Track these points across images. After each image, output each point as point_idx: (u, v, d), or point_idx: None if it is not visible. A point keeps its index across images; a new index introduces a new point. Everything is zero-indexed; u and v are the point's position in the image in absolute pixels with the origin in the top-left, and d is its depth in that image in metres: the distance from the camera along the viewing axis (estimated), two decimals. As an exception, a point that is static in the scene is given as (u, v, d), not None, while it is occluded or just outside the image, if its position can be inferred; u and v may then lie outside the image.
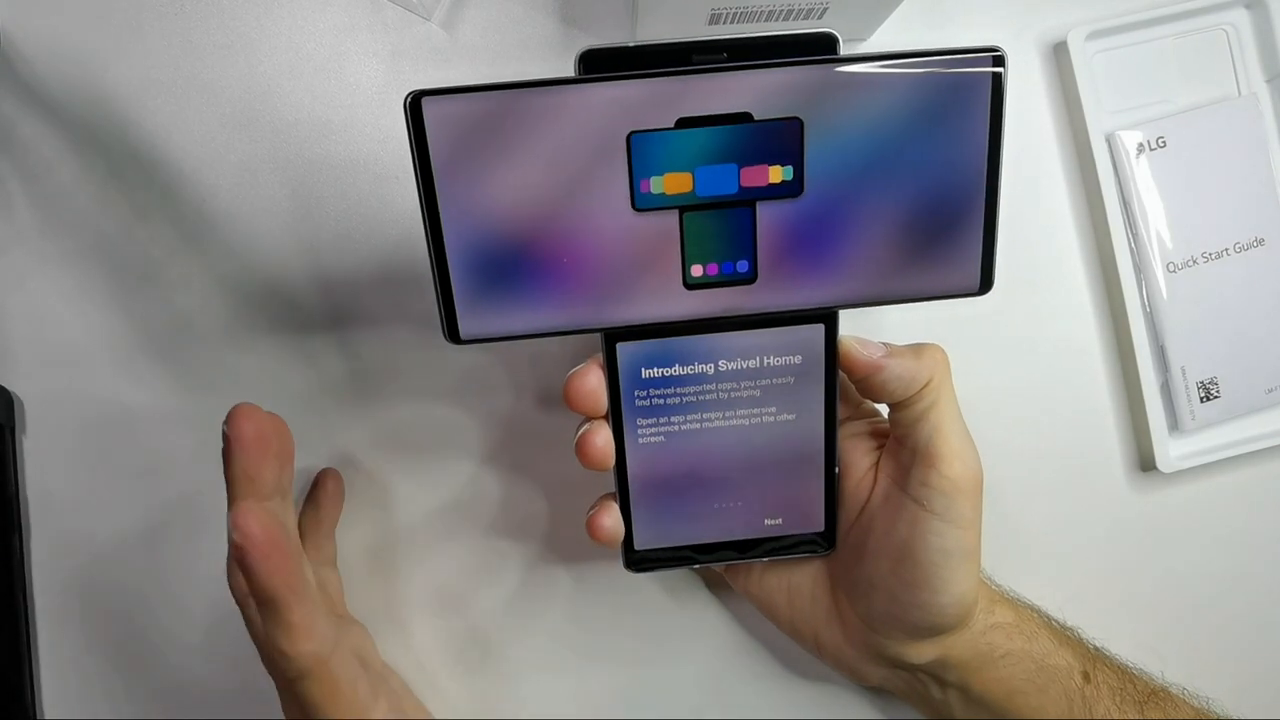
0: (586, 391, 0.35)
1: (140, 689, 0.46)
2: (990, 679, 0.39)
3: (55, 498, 0.45)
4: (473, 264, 0.32)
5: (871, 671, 0.41)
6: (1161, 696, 0.41)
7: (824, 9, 0.40)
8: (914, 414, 0.36)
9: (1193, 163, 0.45)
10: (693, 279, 0.33)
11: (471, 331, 0.33)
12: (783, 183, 0.32)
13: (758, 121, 0.31)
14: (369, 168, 0.45)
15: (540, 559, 0.46)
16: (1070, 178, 0.46)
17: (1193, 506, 0.47)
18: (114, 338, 0.45)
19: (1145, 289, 0.45)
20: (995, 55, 0.31)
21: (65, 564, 0.45)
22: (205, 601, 0.46)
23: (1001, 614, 0.40)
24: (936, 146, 0.32)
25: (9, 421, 0.44)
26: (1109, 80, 0.46)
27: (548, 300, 0.33)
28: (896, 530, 0.37)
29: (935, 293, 0.34)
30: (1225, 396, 0.46)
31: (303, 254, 0.45)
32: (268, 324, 0.45)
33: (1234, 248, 0.45)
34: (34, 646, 0.45)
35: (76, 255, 0.45)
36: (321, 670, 0.35)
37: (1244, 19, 0.46)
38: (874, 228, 0.33)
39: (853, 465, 0.39)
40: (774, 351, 0.35)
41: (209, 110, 0.45)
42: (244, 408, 0.35)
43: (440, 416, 0.45)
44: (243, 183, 0.45)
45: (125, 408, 0.45)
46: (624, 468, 0.37)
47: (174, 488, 0.45)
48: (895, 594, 0.37)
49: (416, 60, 0.45)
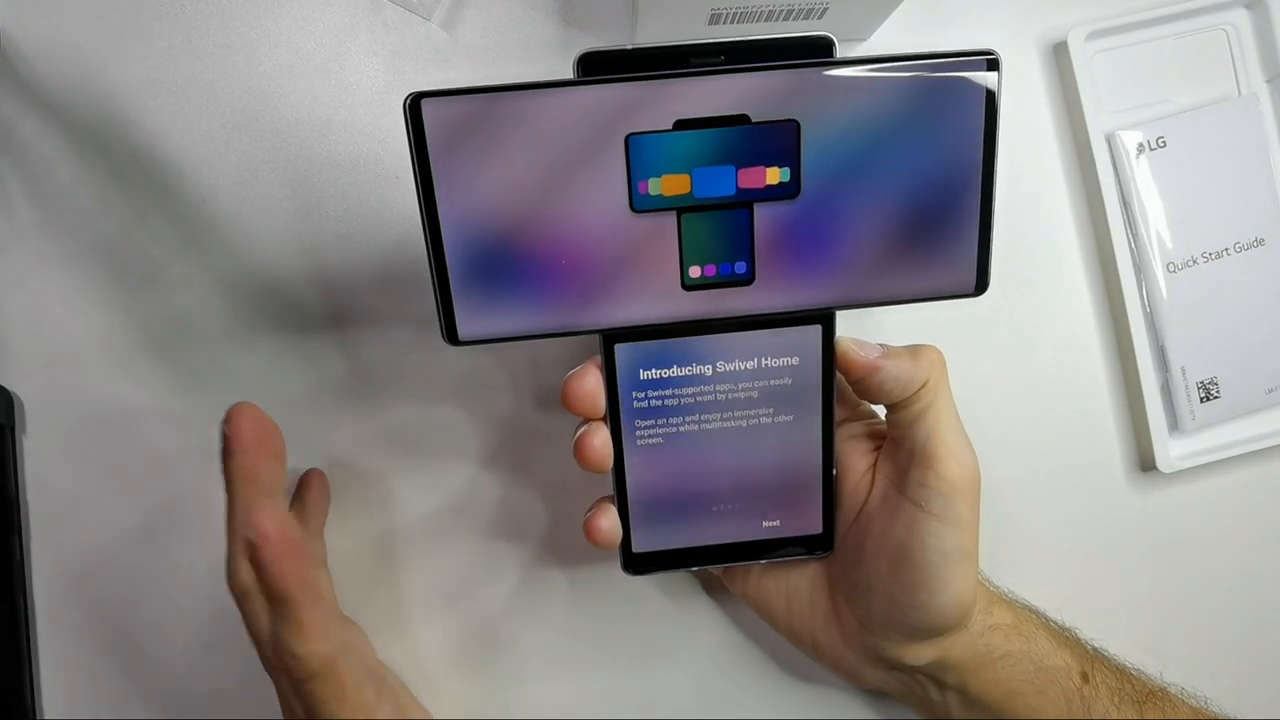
0: (585, 393, 0.35)
1: (140, 689, 0.46)
2: (988, 680, 0.39)
3: (55, 498, 0.45)
4: (471, 265, 0.32)
5: (870, 674, 0.41)
6: (1160, 696, 0.41)
7: (824, 9, 0.40)
8: (911, 415, 0.36)
9: (1193, 163, 0.45)
10: (690, 280, 0.33)
11: (470, 333, 0.33)
12: (780, 184, 0.32)
13: (755, 124, 0.31)
14: (369, 168, 0.45)
15: (538, 560, 0.46)
16: (1070, 178, 0.46)
17: (1193, 506, 0.47)
18: (114, 338, 0.45)
19: (1145, 289, 0.45)
20: (990, 59, 0.31)
21: (65, 564, 0.45)
22: (205, 601, 0.45)
23: (1000, 615, 0.40)
24: (932, 148, 0.32)
25: (9, 421, 0.44)
26: (1109, 80, 0.46)
27: (546, 301, 0.33)
28: (894, 531, 0.37)
29: (932, 294, 0.34)
30: (1225, 396, 0.46)
31: (302, 254, 0.45)
32: (267, 324, 0.45)
33: (1234, 248, 0.45)
34: (34, 646, 0.45)
35: (76, 255, 0.45)
36: (330, 671, 0.35)
37: (1244, 19, 0.46)
38: (871, 229, 0.33)
39: (850, 467, 0.39)
40: (772, 353, 0.35)
41: (209, 110, 0.45)
42: (242, 407, 0.35)
43: (439, 417, 0.45)
44: (243, 183, 0.45)
45: (125, 408, 0.45)
46: (622, 470, 0.37)
47: (174, 488, 0.45)
48: (893, 595, 0.37)
49: (416, 60, 0.45)
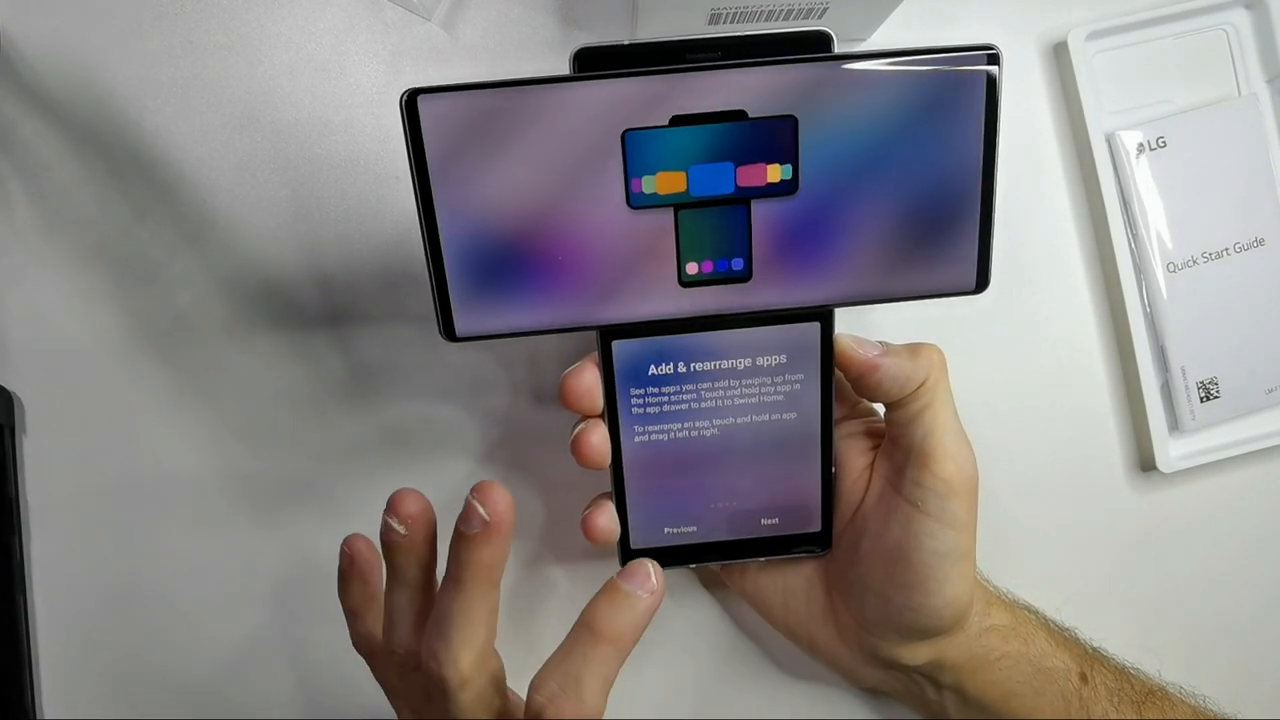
0: (582, 390, 0.35)
1: (140, 689, 0.46)
2: (986, 681, 0.39)
3: (55, 498, 0.45)
4: (468, 261, 0.32)
5: (866, 672, 0.41)
6: (1159, 696, 0.41)
7: (824, 9, 0.40)
8: (909, 414, 0.36)
9: (1193, 163, 0.45)
10: (688, 277, 0.33)
11: (467, 329, 0.33)
12: (778, 181, 0.32)
13: (752, 120, 0.31)
14: (369, 168, 0.45)
15: (536, 558, 0.46)
16: (1070, 178, 0.46)
17: (1193, 506, 0.47)
18: (114, 338, 0.45)
19: (1145, 289, 0.45)
20: (990, 53, 0.31)
21: (65, 564, 0.46)
22: (205, 601, 0.46)
23: (998, 616, 0.40)
24: (932, 144, 0.32)
25: (9, 421, 0.44)
26: (1109, 80, 0.46)
27: (543, 298, 0.33)
28: (890, 531, 0.37)
29: (932, 291, 0.34)
30: (1225, 396, 0.46)
31: (302, 253, 0.45)
32: (267, 323, 0.45)
33: (1234, 248, 0.45)
34: (34, 646, 0.45)
35: (76, 255, 0.45)
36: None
37: (1244, 19, 0.46)
38: (870, 225, 0.33)
39: (848, 465, 0.39)
40: (770, 350, 0.35)
41: (209, 110, 0.45)
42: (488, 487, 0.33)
43: (436, 415, 0.45)
44: (243, 183, 0.45)
45: (125, 408, 0.45)
46: (620, 467, 0.37)
47: (174, 487, 0.45)
48: (888, 595, 0.37)
49: (416, 60, 0.45)
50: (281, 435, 0.45)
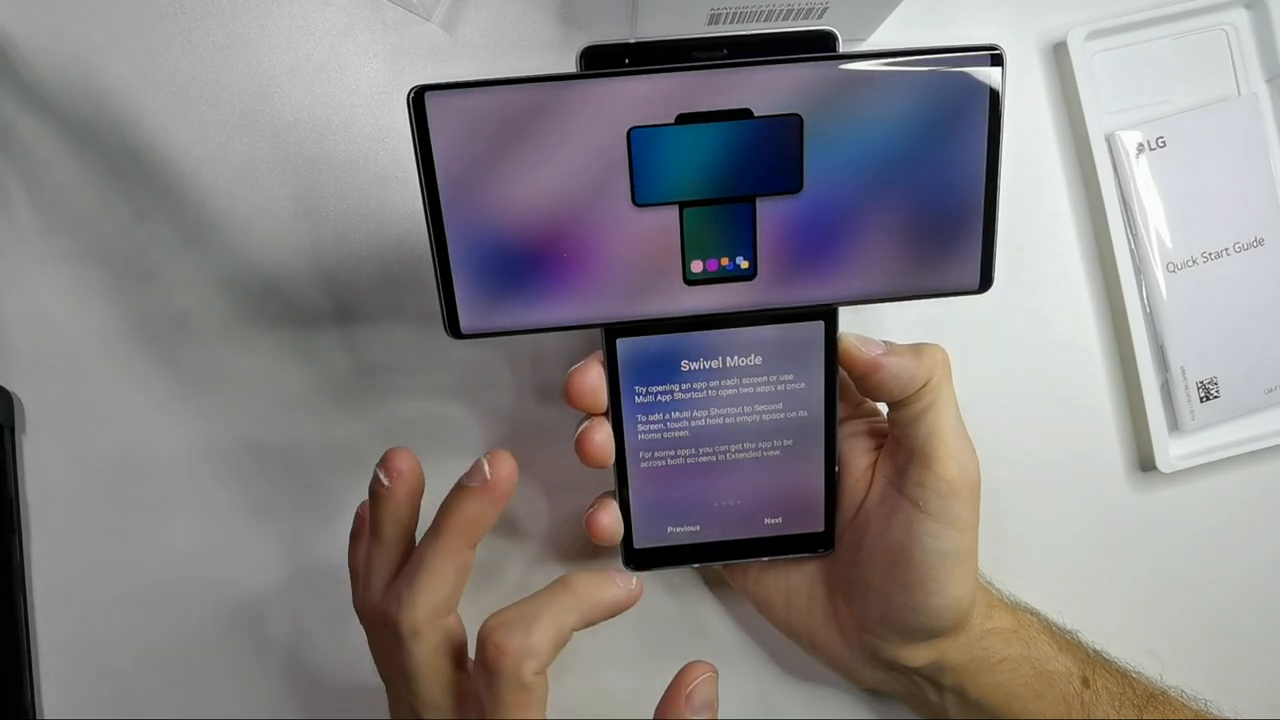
0: (587, 388, 0.35)
1: (140, 689, 0.46)
2: (987, 684, 0.39)
3: (55, 498, 0.45)
4: (474, 259, 0.32)
5: (868, 673, 0.41)
6: (1161, 699, 0.41)
7: (824, 9, 0.40)
8: (912, 413, 0.36)
9: (1193, 163, 0.45)
10: (693, 275, 0.33)
11: (472, 326, 0.33)
12: (783, 180, 0.32)
13: (758, 118, 0.31)
14: (369, 168, 0.45)
15: (540, 557, 0.46)
16: (1070, 178, 0.46)
17: (1193, 506, 0.47)
18: (114, 338, 0.45)
19: (1145, 289, 0.45)
20: (994, 53, 0.31)
21: (65, 564, 0.45)
22: (205, 601, 0.45)
23: (1000, 619, 0.40)
24: (936, 143, 0.32)
25: (9, 421, 0.44)
26: (1109, 80, 0.46)
27: (548, 295, 0.33)
28: (892, 531, 0.37)
29: (935, 290, 0.34)
30: (1225, 396, 0.46)
31: (303, 253, 0.45)
32: (268, 323, 0.45)
33: (1234, 248, 0.45)
34: (34, 646, 0.45)
35: (76, 255, 0.45)
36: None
37: (1244, 19, 0.46)
38: (874, 224, 0.33)
39: (850, 464, 0.39)
40: (773, 348, 0.35)
41: (209, 110, 0.45)
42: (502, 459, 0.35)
43: (440, 413, 0.45)
44: (243, 183, 0.45)
45: (125, 408, 0.45)
46: (624, 465, 0.37)
47: (174, 487, 0.45)
48: (889, 596, 0.37)
49: (416, 60, 0.45)
50: (282, 435, 0.45)
